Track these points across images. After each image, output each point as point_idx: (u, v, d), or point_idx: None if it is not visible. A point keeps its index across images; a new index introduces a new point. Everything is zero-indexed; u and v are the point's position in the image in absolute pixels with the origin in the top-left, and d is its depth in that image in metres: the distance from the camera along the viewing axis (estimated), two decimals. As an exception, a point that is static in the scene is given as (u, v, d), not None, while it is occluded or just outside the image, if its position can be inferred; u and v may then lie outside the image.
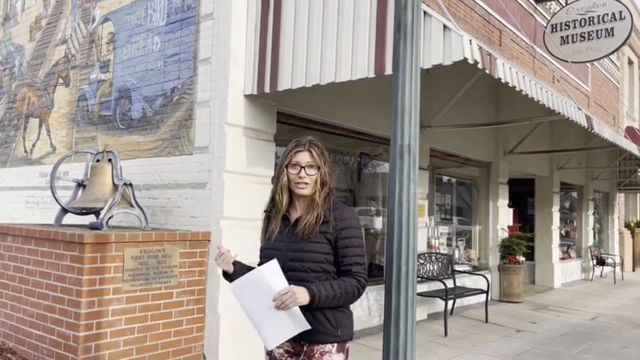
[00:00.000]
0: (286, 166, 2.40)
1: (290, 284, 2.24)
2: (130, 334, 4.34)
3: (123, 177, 5.07)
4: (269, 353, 2.46)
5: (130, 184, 5.03)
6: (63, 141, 7.03)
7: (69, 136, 6.93)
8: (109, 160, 5.10)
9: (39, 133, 7.49)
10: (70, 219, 5.30)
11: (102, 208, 4.81)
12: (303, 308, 2.23)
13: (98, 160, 5.16)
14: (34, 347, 4.53)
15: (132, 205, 5.01)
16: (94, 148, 5.98)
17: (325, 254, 2.34)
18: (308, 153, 2.39)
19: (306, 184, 2.37)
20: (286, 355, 2.41)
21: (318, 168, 2.39)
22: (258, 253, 2.52)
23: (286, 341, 2.34)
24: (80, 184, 5.29)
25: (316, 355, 2.32)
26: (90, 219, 5.11)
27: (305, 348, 2.34)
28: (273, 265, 2.25)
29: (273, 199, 2.46)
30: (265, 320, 2.26)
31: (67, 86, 7.05)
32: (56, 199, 5.22)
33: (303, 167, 2.37)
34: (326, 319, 2.31)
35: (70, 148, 6.82)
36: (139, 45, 6.02)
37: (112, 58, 6.37)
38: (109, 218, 4.80)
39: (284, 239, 2.40)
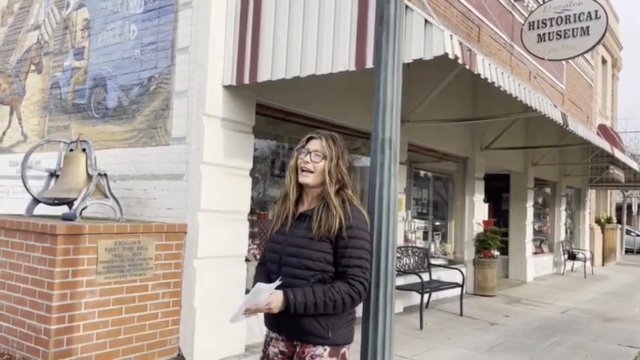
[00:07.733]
0: (297, 151, 2.36)
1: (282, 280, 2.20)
2: (103, 327, 4.27)
3: (97, 167, 4.96)
4: (264, 351, 2.42)
5: (105, 175, 4.93)
6: (35, 129, 6.85)
7: (41, 124, 6.75)
8: (83, 149, 4.99)
9: (10, 121, 7.29)
10: (41, 209, 5.18)
11: (75, 199, 4.71)
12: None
13: (72, 150, 5.03)
14: (3, 340, 4.41)
15: (106, 196, 4.91)
16: (68, 137, 5.84)
17: (324, 253, 2.22)
18: (319, 141, 2.33)
19: (310, 171, 2.29)
20: (280, 356, 2.34)
21: (325, 157, 2.30)
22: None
23: (281, 341, 2.33)
24: (53, 174, 5.17)
25: (306, 358, 2.23)
26: (63, 210, 4.99)
27: (297, 349, 2.28)
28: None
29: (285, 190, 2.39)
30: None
31: (40, 73, 6.87)
32: (27, 189, 5.09)
33: (310, 153, 2.31)
34: (315, 320, 2.21)
35: (42, 136, 6.65)
36: (115, 32, 5.88)
37: (86, 45, 6.21)
38: (83, 209, 4.70)
39: (285, 232, 2.33)
